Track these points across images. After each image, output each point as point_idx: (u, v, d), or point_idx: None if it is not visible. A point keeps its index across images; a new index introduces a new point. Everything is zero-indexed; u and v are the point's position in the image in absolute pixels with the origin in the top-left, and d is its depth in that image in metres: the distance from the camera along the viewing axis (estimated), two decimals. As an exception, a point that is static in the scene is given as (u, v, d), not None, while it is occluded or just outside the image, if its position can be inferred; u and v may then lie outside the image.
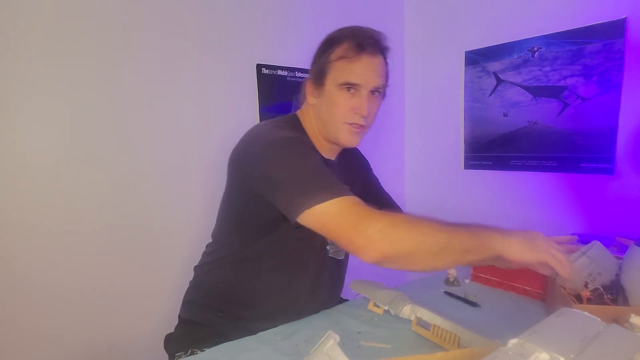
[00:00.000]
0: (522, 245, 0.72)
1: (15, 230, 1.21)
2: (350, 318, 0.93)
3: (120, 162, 1.36)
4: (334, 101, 0.88)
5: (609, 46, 1.48)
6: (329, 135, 0.94)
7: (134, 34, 1.36)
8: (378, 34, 0.91)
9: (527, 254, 0.72)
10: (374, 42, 0.89)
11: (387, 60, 0.94)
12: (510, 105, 1.81)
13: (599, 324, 0.55)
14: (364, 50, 0.86)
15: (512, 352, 0.48)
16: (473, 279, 1.15)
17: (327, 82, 0.89)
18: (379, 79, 0.90)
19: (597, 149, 1.54)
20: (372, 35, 0.90)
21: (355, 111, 0.89)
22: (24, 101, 1.20)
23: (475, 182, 2.00)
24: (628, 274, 0.83)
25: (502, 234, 0.74)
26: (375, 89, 0.90)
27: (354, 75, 0.87)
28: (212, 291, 0.99)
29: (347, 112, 0.89)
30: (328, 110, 0.90)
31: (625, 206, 1.49)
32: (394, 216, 0.74)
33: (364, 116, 0.89)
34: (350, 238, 0.72)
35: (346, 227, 0.72)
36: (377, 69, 0.89)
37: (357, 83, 0.87)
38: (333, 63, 0.88)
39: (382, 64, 0.91)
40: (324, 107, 0.91)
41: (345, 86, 0.87)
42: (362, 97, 0.88)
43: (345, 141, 0.92)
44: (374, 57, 0.88)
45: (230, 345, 0.82)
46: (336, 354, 0.50)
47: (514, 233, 0.75)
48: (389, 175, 2.29)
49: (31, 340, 1.24)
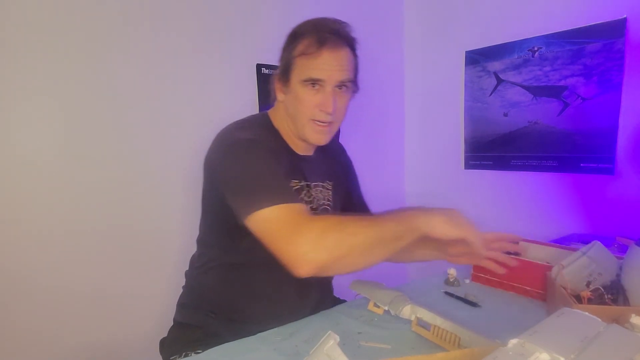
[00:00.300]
0: (445, 223, 0.75)
1: (11, 230, 1.21)
2: (350, 318, 0.93)
3: (118, 162, 1.36)
4: (299, 97, 0.86)
5: (609, 46, 1.48)
6: (297, 132, 0.92)
7: (133, 34, 1.36)
8: (341, 26, 0.88)
9: (450, 230, 0.75)
10: (337, 35, 0.86)
11: (355, 51, 0.91)
12: (511, 105, 1.81)
13: (599, 324, 0.55)
14: (325, 45, 0.84)
15: (513, 353, 0.48)
16: (473, 279, 1.15)
17: (292, 78, 0.87)
18: (344, 72, 0.87)
19: (598, 148, 1.54)
20: (334, 27, 0.86)
21: (320, 108, 0.86)
22: (20, 100, 1.20)
23: (475, 182, 2.00)
24: (628, 274, 0.83)
25: (425, 214, 0.76)
26: (341, 84, 0.87)
27: (316, 70, 0.84)
28: (203, 294, 0.98)
29: (313, 108, 0.87)
30: (294, 107, 0.88)
31: (626, 206, 1.48)
32: (323, 222, 0.73)
33: (329, 113, 0.87)
34: (283, 251, 0.71)
35: (281, 238, 0.72)
36: (340, 62, 0.86)
37: (320, 78, 0.85)
38: (296, 59, 0.85)
39: (347, 57, 0.88)
40: (291, 104, 0.89)
41: (309, 82, 0.85)
42: (326, 93, 0.86)
43: (312, 139, 0.90)
44: (337, 50, 0.85)
45: (230, 345, 0.82)
46: (336, 354, 0.50)
47: (436, 211, 0.77)
48: (389, 175, 2.30)
49: (27, 342, 1.24)
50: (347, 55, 0.88)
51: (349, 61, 0.88)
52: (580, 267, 0.88)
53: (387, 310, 0.90)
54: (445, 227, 0.75)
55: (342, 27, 0.88)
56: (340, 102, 0.89)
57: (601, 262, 0.90)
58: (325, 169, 1.03)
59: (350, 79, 0.89)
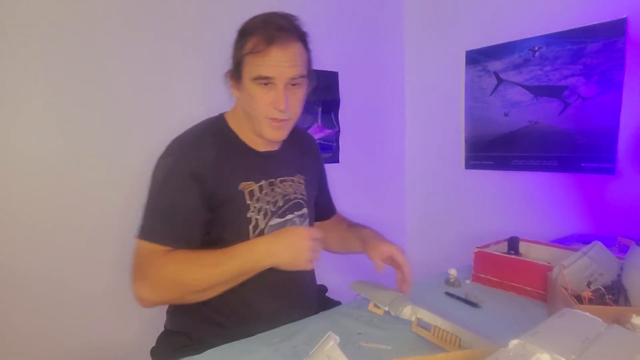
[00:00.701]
0: (285, 260, 0.83)
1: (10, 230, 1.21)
2: (350, 319, 0.93)
3: (118, 163, 1.36)
4: (252, 95, 0.86)
5: (609, 45, 1.48)
6: (254, 129, 0.92)
7: (132, 33, 1.36)
8: (291, 21, 0.87)
9: (289, 266, 0.83)
10: (285, 31, 0.85)
11: (307, 45, 0.91)
12: (511, 104, 1.81)
13: (600, 325, 0.55)
14: (273, 42, 0.83)
15: (513, 353, 0.48)
16: (474, 279, 1.15)
17: (244, 76, 0.87)
18: (294, 69, 0.86)
19: (598, 148, 1.54)
20: (282, 24, 0.85)
21: (274, 106, 0.86)
22: (21, 100, 1.20)
23: (476, 182, 2.00)
24: (629, 274, 0.83)
25: (268, 248, 0.82)
26: (293, 80, 0.87)
27: (265, 68, 0.84)
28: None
29: (267, 106, 0.87)
30: (249, 105, 0.88)
31: (627, 206, 1.48)
32: (164, 269, 0.81)
33: (282, 110, 0.86)
34: (131, 285, 0.82)
35: (132, 273, 0.82)
36: (290, 59, 0.85)
37: (270, 76, 0.84)
38: (246, 57, 0.85)
39: (298, 52, 0.87)
40: (245, 102, 0.89)
41: (260, 80, 0.85)
42: (278, 91, 0.85)
43: (269, 135, 0.90)
44: (286, 47, 0.84)
45: (229, 347, 0.82)
46: (336, 355, 0.50)
47: (279, 242, 0.83)
48: (390, 175, 2.30)
49: (24, 342, 1.24)
50: (298, 50, 0.87)
51: (300, 56, 0.88)
52: (581, 267, 0.88)
53: (387, 310, 0.89)
54: (285, 262, 0.83)
55: (291, 22, 0.87)
56: (294, 98, 0.89)
57: (602, 263, 0.90)
58: (295, 162, 1.03)
59: (302, 74, 0.89)
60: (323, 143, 1.94)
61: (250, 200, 0.90)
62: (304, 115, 1.85)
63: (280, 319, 0.92)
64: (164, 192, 0.86)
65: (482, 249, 1.14)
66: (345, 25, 1.98)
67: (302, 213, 1.01)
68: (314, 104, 1.88)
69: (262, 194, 0.92)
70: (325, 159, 1.94)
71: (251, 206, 0.90)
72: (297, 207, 0.99)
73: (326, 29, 1.89)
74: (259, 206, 0.91)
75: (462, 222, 2.07)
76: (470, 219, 2.04)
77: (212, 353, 0.80)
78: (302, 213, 1.00)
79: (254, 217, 0.90)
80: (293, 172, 1.01)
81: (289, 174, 1.00)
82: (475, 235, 1.95)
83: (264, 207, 0.92)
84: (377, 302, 0.93)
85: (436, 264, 1.49)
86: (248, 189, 0.91)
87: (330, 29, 1.91)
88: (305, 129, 1.86)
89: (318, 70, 1.86)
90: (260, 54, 0.83)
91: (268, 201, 0.93)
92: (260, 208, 0.91)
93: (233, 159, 0.91)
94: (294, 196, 0.99)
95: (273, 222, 0.93)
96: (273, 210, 0.93)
